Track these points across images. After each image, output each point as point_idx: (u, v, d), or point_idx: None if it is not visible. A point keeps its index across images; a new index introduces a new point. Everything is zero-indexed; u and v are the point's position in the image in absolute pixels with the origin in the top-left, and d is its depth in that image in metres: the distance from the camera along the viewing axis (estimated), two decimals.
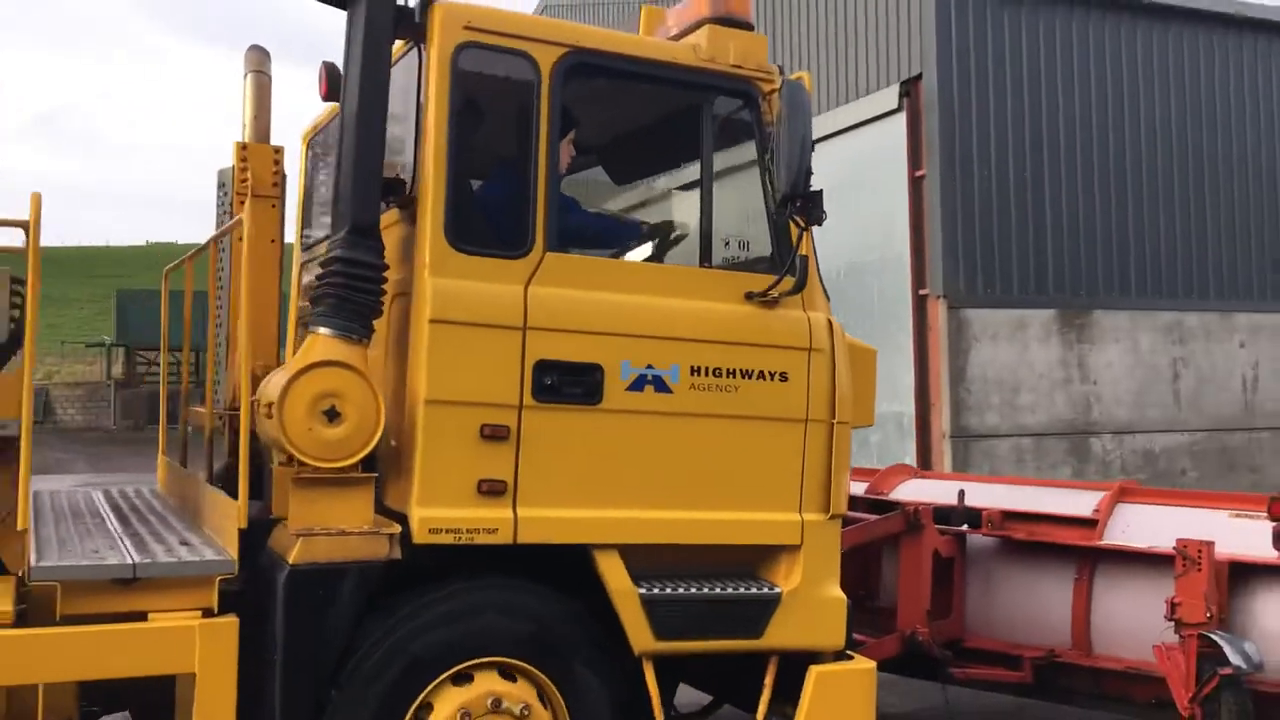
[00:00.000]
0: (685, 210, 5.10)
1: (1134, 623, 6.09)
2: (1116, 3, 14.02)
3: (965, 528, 6.58)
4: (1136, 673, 6.04)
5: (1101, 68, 14.04)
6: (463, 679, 4.30)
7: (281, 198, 6.02)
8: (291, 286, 6.14)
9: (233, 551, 4.02)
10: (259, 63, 6.16)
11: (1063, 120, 13.73)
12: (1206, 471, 14.03)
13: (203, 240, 4.62)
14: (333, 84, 5.24)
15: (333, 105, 5.78)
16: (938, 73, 13.24)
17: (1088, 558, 6.32)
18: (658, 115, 5.21)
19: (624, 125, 5.30)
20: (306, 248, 5.94)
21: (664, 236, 5.11)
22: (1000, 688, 6.54)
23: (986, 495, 6.90)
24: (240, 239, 5.74)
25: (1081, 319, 13.71)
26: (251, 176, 5.81)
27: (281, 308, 5.60)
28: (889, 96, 13.97)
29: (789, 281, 4.69)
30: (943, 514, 6.54)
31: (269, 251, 5.81)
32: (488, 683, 4.32)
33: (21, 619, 3.88)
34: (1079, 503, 6.65)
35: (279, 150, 6.02)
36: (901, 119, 13.52)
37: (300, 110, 7.12)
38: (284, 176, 6.03)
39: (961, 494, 6.70)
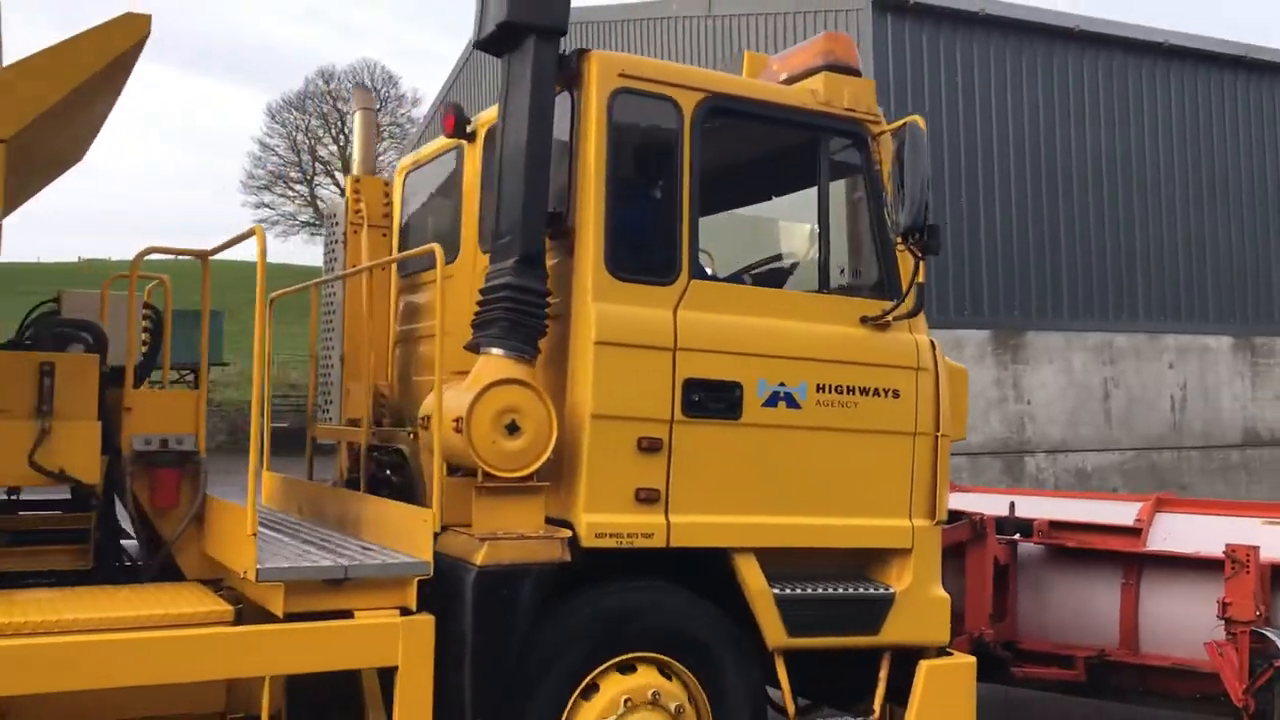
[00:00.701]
0: (793, 240, 5.52)
1: (1180, 623, 6.60)
2: (1051, 31, 14.49)
3: (1018, 536, 7.05)
4: (1183, 669, 6.54)
5: (1034, 95, 14.54)
6: (627, 669, 4.66)
7: (391, 227, 6.39)
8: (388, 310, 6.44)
9: (427, 555, 4.36)
10: (366, 101, 6.53)
11: (996, 146, 14.17)
12: (1137, 489, 14.54)
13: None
14: (459, 122, 5.63)
15: (442, 142, 6.17)
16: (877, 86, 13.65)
17: (1134, 563, 6.81)
18: (772, 151, 5.63)
19: (739, 159, 5.70)
20: (405, 275, 6.26)
21: (783, 264, 5.53)
22: (1053, 686, 7.00)
23: (1032, 507, 7.38)
24: (352, 266, 6.10)
25: (1015, 340, 14.22)
26: (365, 208, 6.16)
27: None
28: None
29: (907, 306, 5.15)
30: (999, 524, 7.02)
31: (382, 278, 6.17)
32: (648, 676, 4.68)
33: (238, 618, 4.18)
34: (1119, 513, 7.15)
35: (388, 184, 6.38)
36: None
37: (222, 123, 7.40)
38: (392, 207, 6.39)
39: (1012, 505, 7.18)
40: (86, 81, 4.10)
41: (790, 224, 5.47)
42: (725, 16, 15.92)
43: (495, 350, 4.64)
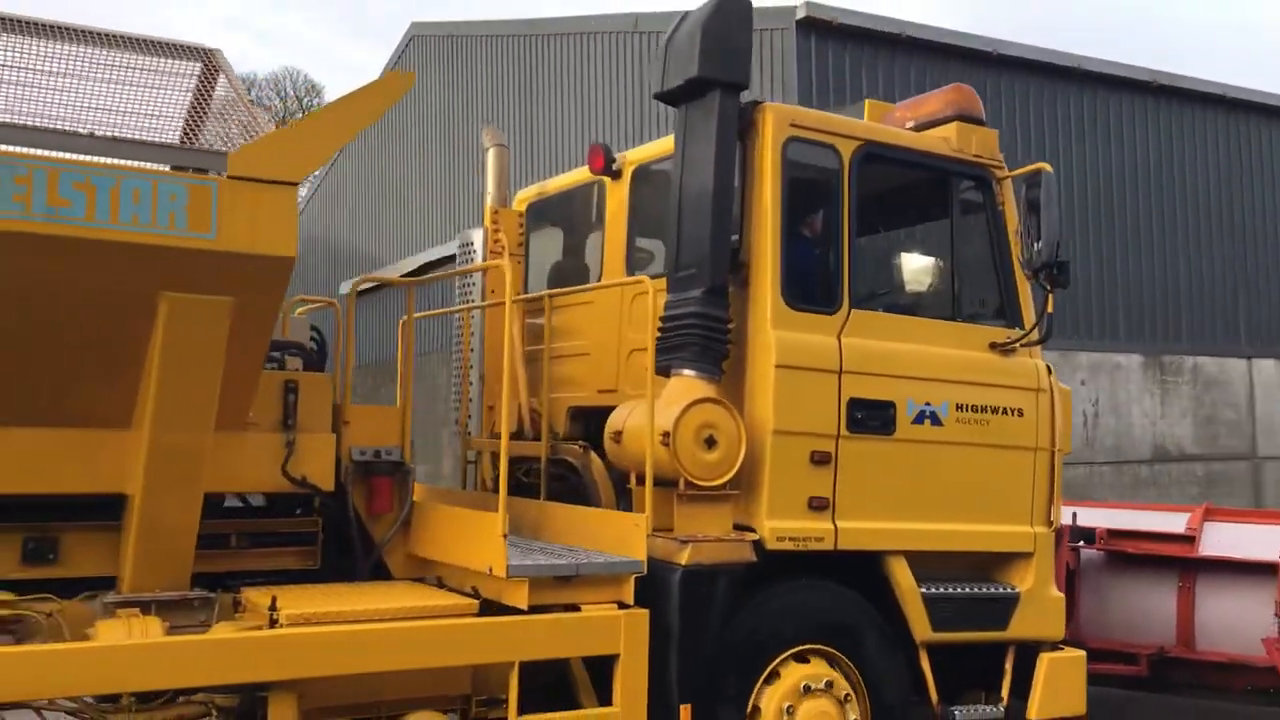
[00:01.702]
0: (925, 271, 6.12)
1: (1234, 622, 7.27)
2: (971, 54, 14.67)
3: (1082, 543, 7.70)
4: (1238, 664, 7.21)
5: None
6: (802, 659, 5.21)
7: (526, 255, 6.90)
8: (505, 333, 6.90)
9: (641, 555, 4.87)
10: (498, 137, 7.03)
11: None
12: None
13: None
14: (607, 162, 6.18)
15: (572, 176, 6.71)
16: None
17: (1190, 568, 7.48)
18: (910, 191, 6.20)
19: (883, 198, 6.26)
20: (527, 300, 6.74)
21: (922, 292, 6.12)
22: (1117, 681, 7.64)
23: (1086, 516, 8.03)
24: (492, 291, 6.61)
25: None
26: (504, 237, 6.67)
27: None
28: None
29: (1037, 334, 5.77)
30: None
31: (520, 302, 6.67)
32: (820, 668, 5.23)
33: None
34: (1170, 521, 7.83)
35: (522, 215, 6.89)
36: None
37: None
38: (526, 236, 6.90)
39: (1075, 515, 7.83)
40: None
41: (922, 257, 6.05)
42: (651, 33, 16.24)
43: (687, 371, 5.18)
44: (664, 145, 6.17)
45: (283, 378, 4.99)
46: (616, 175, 6.33)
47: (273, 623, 4.36)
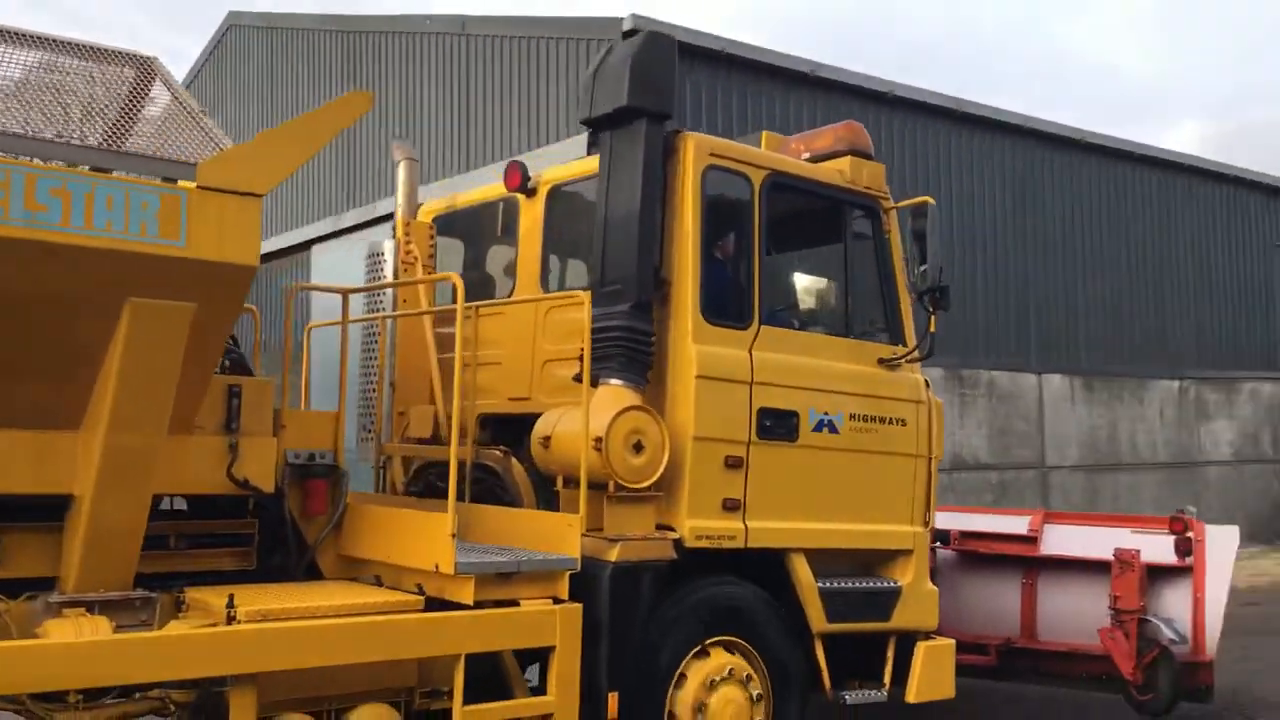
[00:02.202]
0: (817, 291, 6.61)
1: (1072, 614, 8.02)
2: (791, 75, 15.36)
3: (938, 544, 8.34)
4: (1076, 652, 7.95)
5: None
6: (717, 649, 5.60)
7: (433, 267, 7.12)
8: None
9: (575, 553, 5.18)
10: (408, 151, 7.24)
11: None
12: None
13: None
14: (523, 180, 6.48)
15: (481, 191, 6.98)
16: None
17: (1033, 566, 8.21)
18: (806, 216, 6.64)
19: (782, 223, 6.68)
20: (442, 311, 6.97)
21: (817, 311, 6.60)
22: (969, 671, 8.29)
23: (938, 520, 8.69)
24: (404, 300, 6.83)
25: None
26: (416, 249, 6.89)
27: None
28: (581, 143, 14.83)
29: (920, 352, 6.32)
30: None
31: (432, 313, 6.90)
32: (731, 658, 5.64)
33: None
34: (1013, 524, 8.55)
35: (432, 227, 7.12)
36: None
37: None
38: (435, 248, 7.13)
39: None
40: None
41: (820, 279, 6.54)
42: (479, 36, 16.47)
43: (615, 381, 5.52)
44: (580, 166, 6.51)
45: (226, 381, 5.11)
46: (531, 193, 6.62)
47: (230, 619, 4.50)
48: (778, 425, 5.90)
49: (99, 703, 4.50)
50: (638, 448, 5.39)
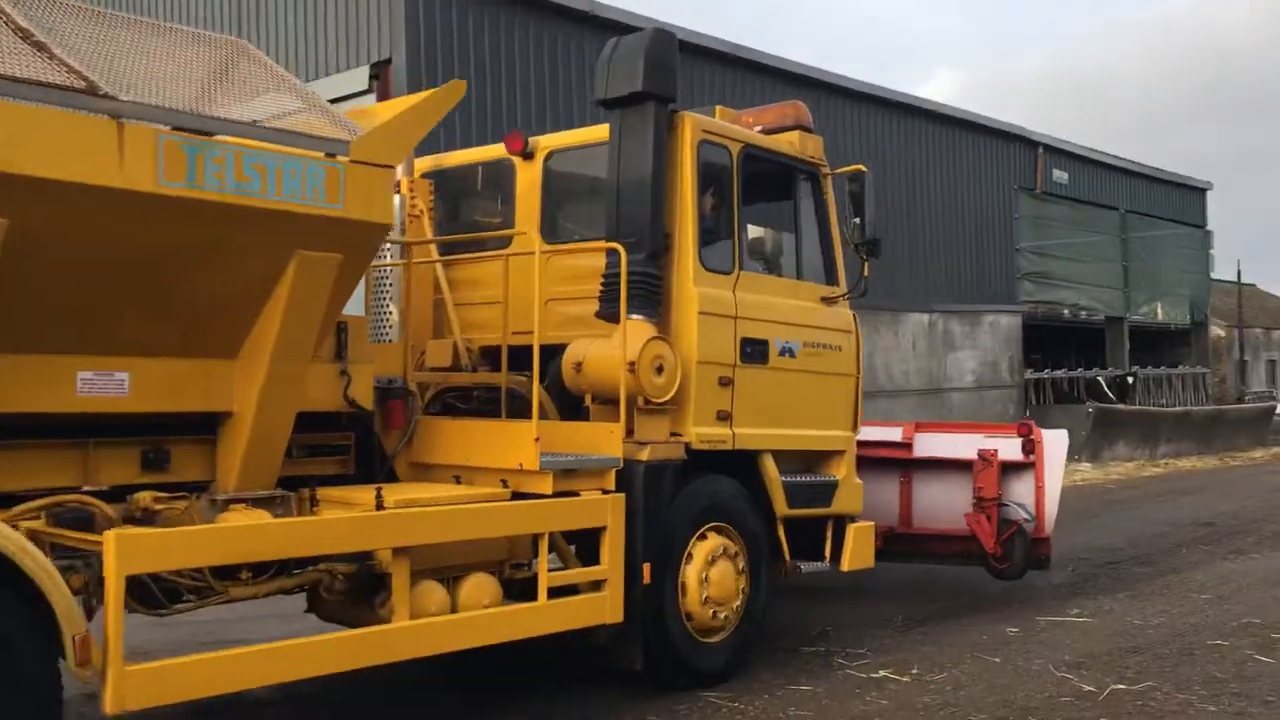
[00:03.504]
0: (775, 241, 8.05)
1: (942, 505, 9.83)
2: (582, 17, 16.85)
3: None
4: (946, 535, 9.78)
5: (568, 75, 16.86)
6: (702, 538, 7.03)
7: (434, 220, 8.21)
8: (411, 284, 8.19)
9: (619, 454, 6.50)
10: None
11: (534, 117, 15.97)
12: None
13: None
14: (526, 146, 7.67)
15: (473, 152, 8.12)
16: (406, 59, 14.82)
17: (908, 467, 9.97)
18: (766, 179, 8.00)
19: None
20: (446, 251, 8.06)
21: (776, 259, 8.03)
22: None
23: None
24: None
25: None
26: (420, 203, 8.00)
27: None
28: (359, 77, 15.11)
29: (854, 294, 7.87)
30: None
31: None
32: (715, 540, 7.08)
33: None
34: (889, 434, 10.30)
35: (431, 183, 8.21)
36: (371, 100, 14.22)
37: None
38: (434, 202, 8.22)
39: None
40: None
41: (778, 232, 7.98)
42: None
43: (636, 316, 6.81)
44: (576, 136, 7.74)
45: (336, 319, 6.17)
46: (529, 157, 7.79)
47: (379, 506, 5.66)
48: (754, 351, 7.35)
49: (261, 579, 5.58)
50: (659, 370, 6.73)
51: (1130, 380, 32.19)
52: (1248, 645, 7.92)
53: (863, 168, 7.77)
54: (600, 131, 7.43)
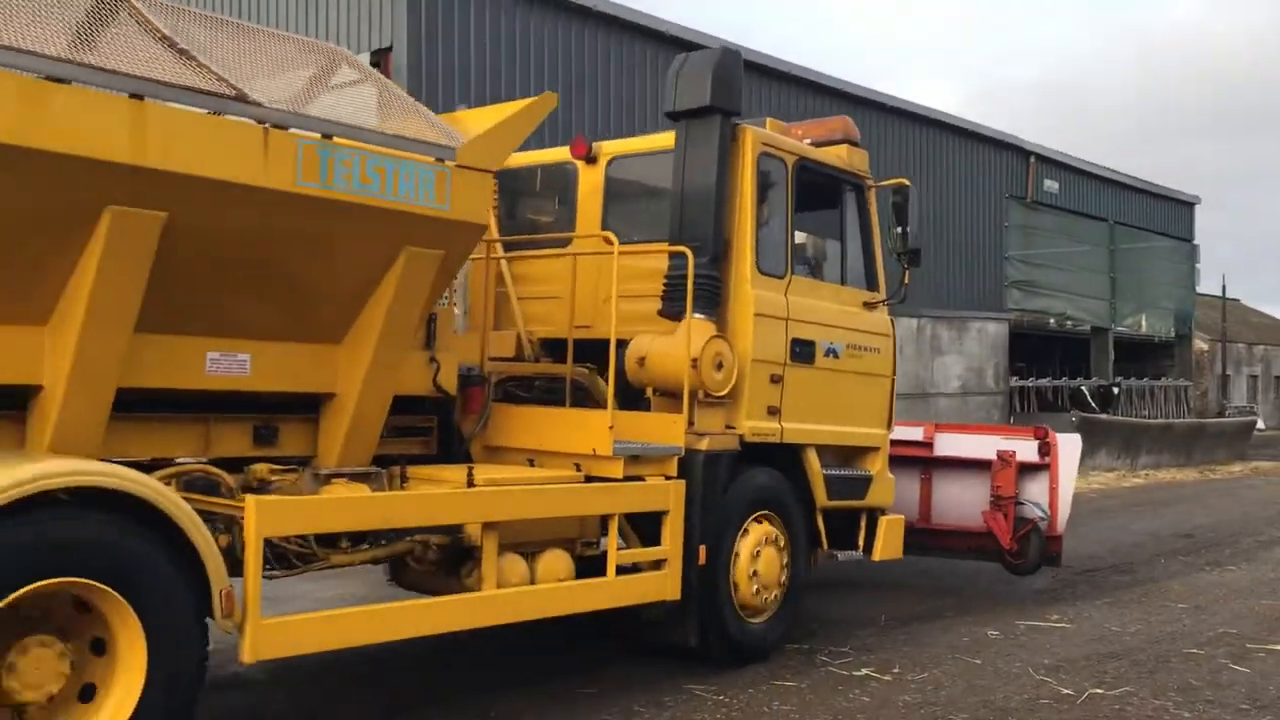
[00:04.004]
0: (823, 248, 8.55)
1: (960, 502, 10.36)
2: (584, 11, 17.30)
3: None
4: (963, 531, 10.30)
5: (554, 65, 17.26)
6: (755, 523, 7.53)
7: (499, 217, 8.68)
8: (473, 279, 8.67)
9: (681, 443, 7.00)
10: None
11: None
12: None
13: None
14: (590, 150, 8.15)
15: (538, 155, 8.59)
16: (408, 47, 15.22)
17: (929, 465, 10.50)
18: (816, 190, 8.48)
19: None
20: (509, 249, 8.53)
21: (823, 265, 8.54)
22: None
23: None
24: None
25: None
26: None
27: None
28: None
29: (895, 300, 8.38)
30: None
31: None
32: (765, 526, 7.59)
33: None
34: (911, 433, 10.81)
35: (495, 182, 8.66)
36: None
37: None
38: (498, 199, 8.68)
39: None
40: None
41: (825, 239, 8.49)
42: None
43: (699, 316, 7.30)
44: (637, 144, 8.23)
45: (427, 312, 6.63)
46: (592, 161, 8.27)
47: (470, 483, 6.13)
48: (803, 351, 7.85)
49: (357, 548, 6.05)
50: (719, 366, 7.22)
51: (1115, 390, 32.88)
52: (1223, 654, 8.10)
53: (905, 181, 8.27)
54: (659, 140, 7.94)
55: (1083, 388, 32.17)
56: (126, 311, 5.06)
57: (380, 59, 15.19)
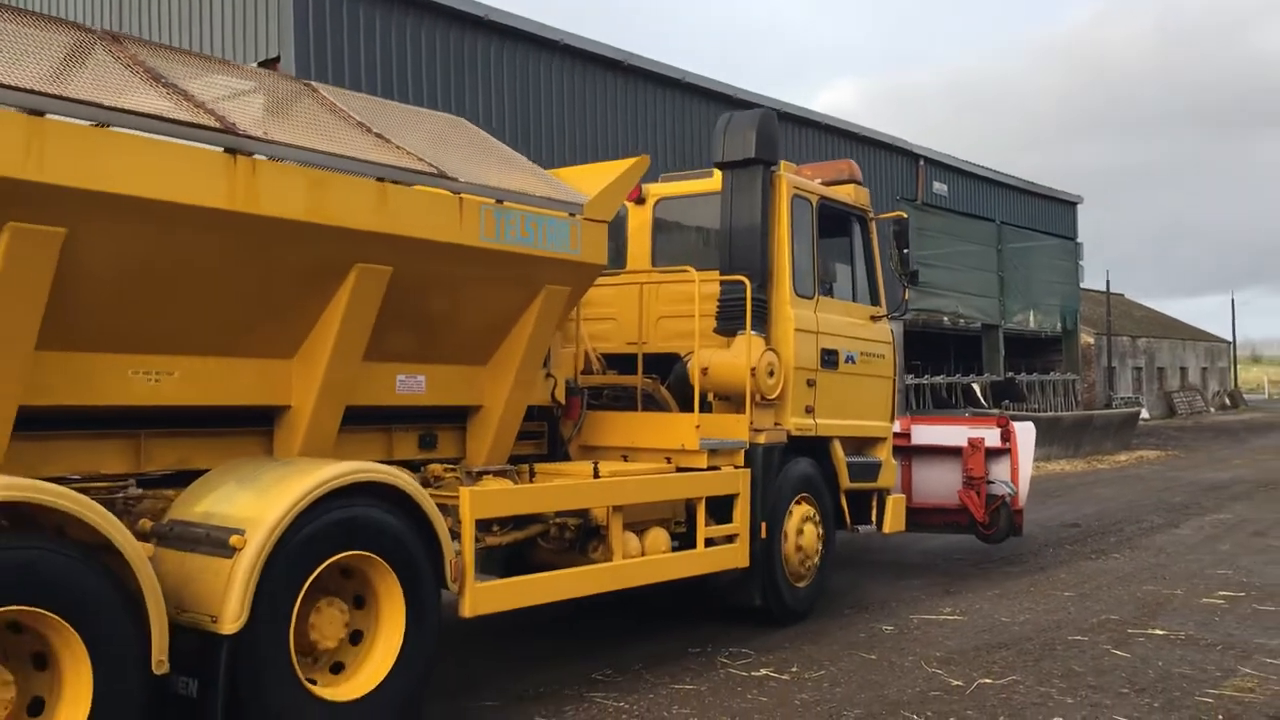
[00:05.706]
0: (838, 272, 10.13)
1: (937, 483, 12.03)
2: (474, 21, 17.71)
3: None
4: (941, 508, 11.98)
5: (459, 77, 17.56)
6: (797, 504, 9.08)
7: None
8: None
9: (746, 438, 8.51)
10: None
11: None
12: None
13: None
14: (640, 193, 9.64)
15: None
16: (295, 57, 15.18)
17: (908, 453, 12.16)
18: (832, 223, 10.04)
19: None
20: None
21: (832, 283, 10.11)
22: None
23: None
24: None
25: None
26: None
27: None
28: None
29: (897, 314, 10.00)
30: None
31: None
32: (805, 507, 9.14)
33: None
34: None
35: None
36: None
37: None
38: None
39: None
40: None
41: (840, 264, 10.07)
42: None
43: (753, 332, 8.81)
44: (681, 187, 9.71)
45: None
46: (641, 202, 9.74)
47: (596, 474, 7.54)
48: (830, 359, 9.42)
49: (505, 530, 7.40)
50: (770, 373, 8.74)
51: (1016, 380, 34.55)
52: (1105, 640, 8.45)
53: (904, 214, 9.91)
54: (698, 185, 9.48)
55: (973, 385, 33.57)
56: (358, 344, 6.38)
57: (268, 69, 16.14)
